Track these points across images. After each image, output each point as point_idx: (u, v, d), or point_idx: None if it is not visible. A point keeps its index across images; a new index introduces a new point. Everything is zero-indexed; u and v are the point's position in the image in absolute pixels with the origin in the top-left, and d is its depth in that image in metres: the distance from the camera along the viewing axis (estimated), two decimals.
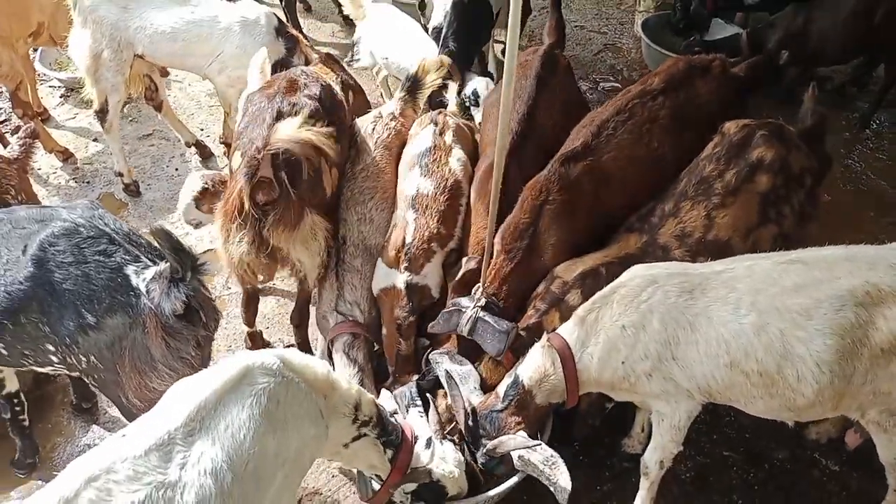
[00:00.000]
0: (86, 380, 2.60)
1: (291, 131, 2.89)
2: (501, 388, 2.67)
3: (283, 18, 6.23)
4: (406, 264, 3.05)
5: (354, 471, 2.85)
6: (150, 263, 2.44)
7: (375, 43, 4.85)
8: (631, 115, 3.24)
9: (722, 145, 3.02)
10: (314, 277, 3.22)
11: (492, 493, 2.71)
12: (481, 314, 2.85)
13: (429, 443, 2.54)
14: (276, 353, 2.14)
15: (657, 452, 2.73)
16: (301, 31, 6.24)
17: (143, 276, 2.40)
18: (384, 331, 3.14)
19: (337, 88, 3.55)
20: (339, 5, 6.38)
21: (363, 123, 3.41)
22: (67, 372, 2.63)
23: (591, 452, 3.24)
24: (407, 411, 2.72)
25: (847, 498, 3.09)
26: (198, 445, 1.90)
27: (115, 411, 3.44)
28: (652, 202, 3.07)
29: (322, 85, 3.34)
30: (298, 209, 3.00)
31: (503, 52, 5.95)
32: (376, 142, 3.34)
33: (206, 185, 3.53)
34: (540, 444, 2.52)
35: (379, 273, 3.14)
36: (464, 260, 3.13)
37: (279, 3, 6.32)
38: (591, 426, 3.18)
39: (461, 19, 4.57)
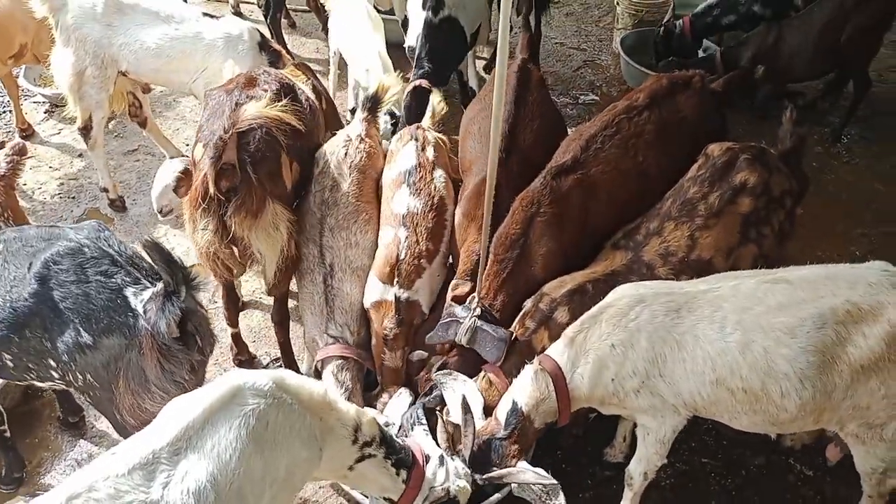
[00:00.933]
0: (83, 397, 2.63)
1: (257, 109, 2.96)
2: (501, 415, 2.69)
3: (268, 34, 6.35)
4: (399, 280, 3.14)
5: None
6: (148, 286, 2.47)
7: (335, 29, 5.08)
8: (618, 130, 3.35)
9: (706, 168, 3.11)
10: (272, 272, 3.23)
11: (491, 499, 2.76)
12: (479, 323, 2.92)
13: (442, 461, 2.51)
14: (270, 373, 2.13)
15: (642, 464, 2.80)
16: (285, 47, 6.32)
17: (142, 298, 2.43)
18: (373, 342, 3.20)
19: (307, 90, 3.58)
20: (323, 21, 6.47)
21: (335, 148, 3.45)
22: (65, 387, 2.66)
23: (574, 461, 3.31)
24: (412, 430, 2.71)
25: (822, 502, 3.18)
26: (183, 465, 1.90)
27: (102, 425, 3.47)
28: (638, 220, 3.16)
29: (282, 82, 3.37)
30: (260, 197, 3.03)
31: (485, 67, 6.11)
32: (351, 166, 3.39)
33: (189, 167, 3.54)
34: (552, 483, 2.51)
35: (371, 287, 3.21)
36: (453, 283, 3.21)
37: (264, 20, 6.38)
38: (574, 436, 3.25)
39: (433, 40, 4.63)
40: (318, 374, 3.18)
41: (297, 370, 3.49)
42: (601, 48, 6.76)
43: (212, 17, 4.27)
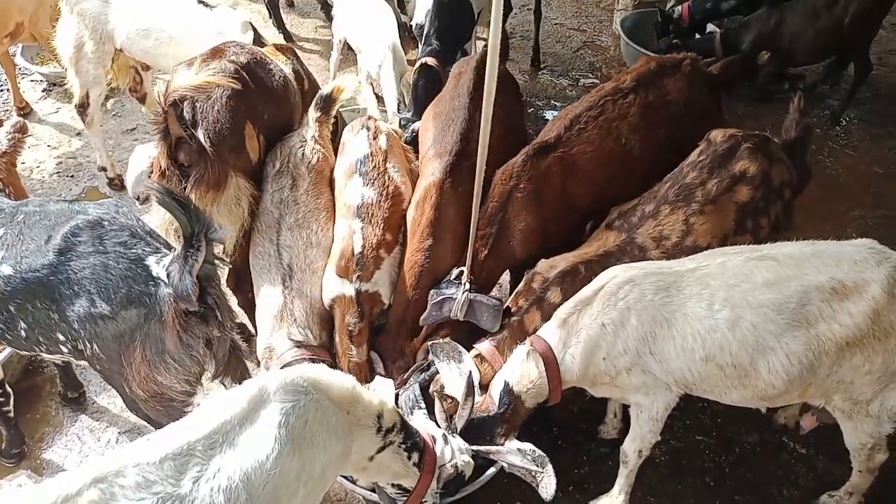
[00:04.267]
0: (93, 368, 2.62)
1: (186, 79, 2.91)
2: (495, 393, 2.72)
3: (267, 14, 6.33)
4: (358, 273, 3.05)
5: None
6: (168, 253, 2.45)
7: (342, 16, 4.99)
8: (602, 111, 3.33)
9: (707, 154, 3.08)
10: (232, 245, 3.21)
11: (488, 472, 2.80)
12: (472, 295, 2.94)
13: (445, 439, 2.53)
14: (304, 371, 2.11)
15: (636, 442, 2.83)
16: (284, 27, 6.32)
17: (163, 264, 2.40)
18: (336, 339, 3.12)
19: (285, 69, 3.51)
20: (321, 2, 6.44)
21: (292, 148, 3.36)
22: (75, 360, 2.66)
23: (569, 438, 3.35)
24: (412, 413, 2.71)
25: (813, 479, 3.22)
26: (216, 460, 1.84)
27: (103, 401, 3.51)
28: (634, 201, 3.16)
29: (254, 55, 3.30)
30: (222, 170, 3.00)
31: (485, 47, 6.07)
32: (309, 166, 3.32)
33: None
34: (543, 471, 2.51)
35: (329, 283, 3.11)
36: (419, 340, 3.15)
37: None
38: (570, 411, 3.28)
39: (443, 18, 4.64)
40: None
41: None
42: (601, 29, 6.74)
43: (206, 5, 4.24)
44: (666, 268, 2.64)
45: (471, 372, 2.69)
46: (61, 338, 2.51)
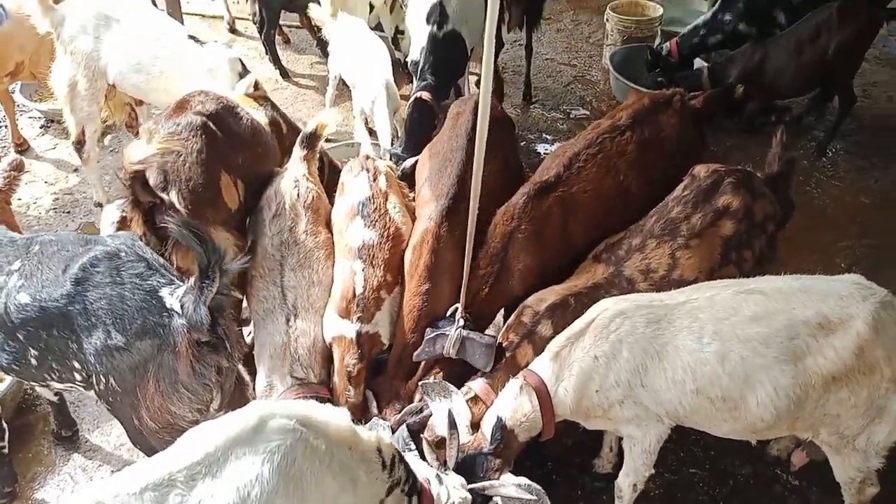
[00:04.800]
0: (101, 401, 2.64)
1: (138, 152, 2.98)
2: (487, 429, 2.72)
3: (263, 50, 6.44)
4: (358, 314, 3.08)
5: None
6: (182, 284, 2.49)
7: (338, 52, 5.08)
8: (601, 149, 3.39)
9: (691, 188, 3.14)
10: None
11: None
12: (465, 333, 2.97)
13: (439, 479, 2.52)
14: (296, 408, 2.07)
15: (630, 476, 2.84)
16: (280, 63, 6.42)
17: (177, 295, 2.45)
18: (334, 378, 3.14)
19: (257, 115, 3.56)
20: (317, 38, 6.56)
21: (286, 189, 3.40)
22: (85, 390, 2.69)
23: (563, 472, 3.35)
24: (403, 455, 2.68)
25: None
26: (198, 491, 1.82)
27: (96, 439, 3.50)
28: (620, 234, 3.20)
29: (222, 103, 3.35)
30: (223, 202, 3.07)
31: (477, 83, 6.18)
32: (305, 205, 3.36)
33: (124, 213, 3.65)
34: (539, 501, 2.52)
35: (329, 323, 3.15)
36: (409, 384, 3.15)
37: (259, 36, 6.47)
38: (564, 445, 3.29)
39: (437, 53, 4.75)
40: None
41: None
42: (591, 64, 6.86)
43: (196, 41, 4.32)
44: (657, 300, 2.67)
45: (451, 409, 2.70)
46: (77, 366, 2.55)
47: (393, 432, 2.78)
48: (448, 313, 3.11)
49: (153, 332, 2.43)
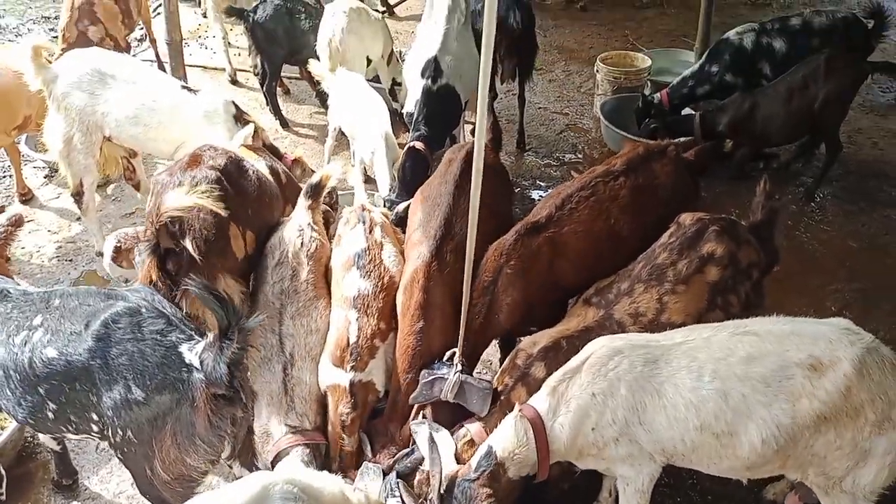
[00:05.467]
0: (114, 451, 2.68)
1: (176, 200, 3.07)
2: (474, 459, 2.75)
3: (264, 101, 6.61)
4: (352, 363, 3.12)
5: None
6: (201, 339, 2.56)
7: (337, 106, 5.22)
8: (593, 192, 3.48)
9: (677, 236, 3.22)
10: None
11: None
12: (463, 377, 3.01)
13: None
14: (294, 476, 2.18)
15: None
16: (280, 114, 6.59)
17: (196, 350, 2.51)
18: (329, 427, 3.17)
19: (258, 166, 3.68)
20: (316, 89, 6.74)
21: (290, 238, 3.48)
22: (100, 440, 2.74)
23: None
24: (386, 502, 2.75)
25: None
26: None
27: (95, 487, 3.50)
28: (610, 278, 3.28)
29: (230, 157, 3.48)
30: (210, 274, 3.12)
31: (472, 131, 6.34)
32: (308, 254, 3.43)
33: (119, 244, 3.88)
34: None
35: (324, 371, 3.20)
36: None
37: (260, 87, 6.65)
38: (560, 489, 3.30)
39: (430, 105, 4.90)
40: (273, 465, 3.14)
41: None
42: (582, 112, 7.05)
43: (190, 90, 4.47)
44: (653, 341, 2.74)
45: (433, 436, 2.74)
46: (95, 417, 2.60)
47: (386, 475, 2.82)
48: (445, 357, 3.15)
49: (172, 386, 2.49)
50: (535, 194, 5.77)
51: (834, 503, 2.66)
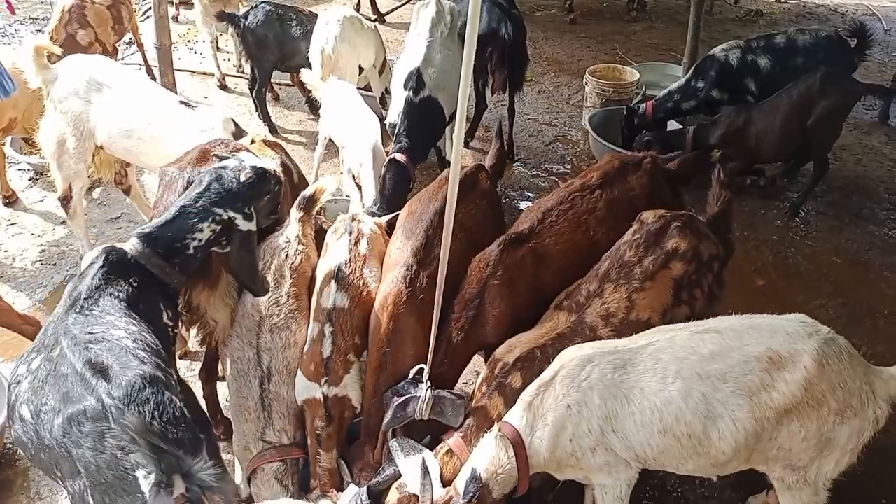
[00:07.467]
0: None
1: None
2: (460, 484, 2.72)
3: (254, 107, 6.61)
4: (326, 377, 3.08)
5: None
6: (156, 471, 2.24)
7: (328, 116, 5.20)
8: (572, 206, 3.53)
9: (641, 233, 3.25)
10: (224, 335, 3.26)
11: None
12: (436, 392, 2.99)
13: None
14: None
15: None
16: (270, 120, 6.58)
17: (150, 481, 2.22)
18: (308, 442, 3.13)
19: (273, 163, 3.57)
20: (306, 96, 6.74)
21: (275, 250, 3.41)
22: None
23: None
24: None
25: None
26: None
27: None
28: (578, 281, 3.28)
29: (237, 152, 3.37)
30: (217, 269, 3.11)
31: (467, 144, 6.37)
32: (291, 267, 3.36)
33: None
34: None
35: (300, 386, 3.15)
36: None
37: (249, 93, 6.64)
38: (545, 501, 3.30)
39: (412, 118, 4.88)
40: (249, 482, 3.12)
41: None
42: (571, 124, 7.09)
43: (187, 105, 4.40)
44: (621, 346, 2.76)
45: (424, 459, 2.73)
46: (65, 491, 2.43)
47: None
48: (411, 374, 3.09)
49: None
50: (523, 205, 5.79)
51: (796, 497, 2.69)
